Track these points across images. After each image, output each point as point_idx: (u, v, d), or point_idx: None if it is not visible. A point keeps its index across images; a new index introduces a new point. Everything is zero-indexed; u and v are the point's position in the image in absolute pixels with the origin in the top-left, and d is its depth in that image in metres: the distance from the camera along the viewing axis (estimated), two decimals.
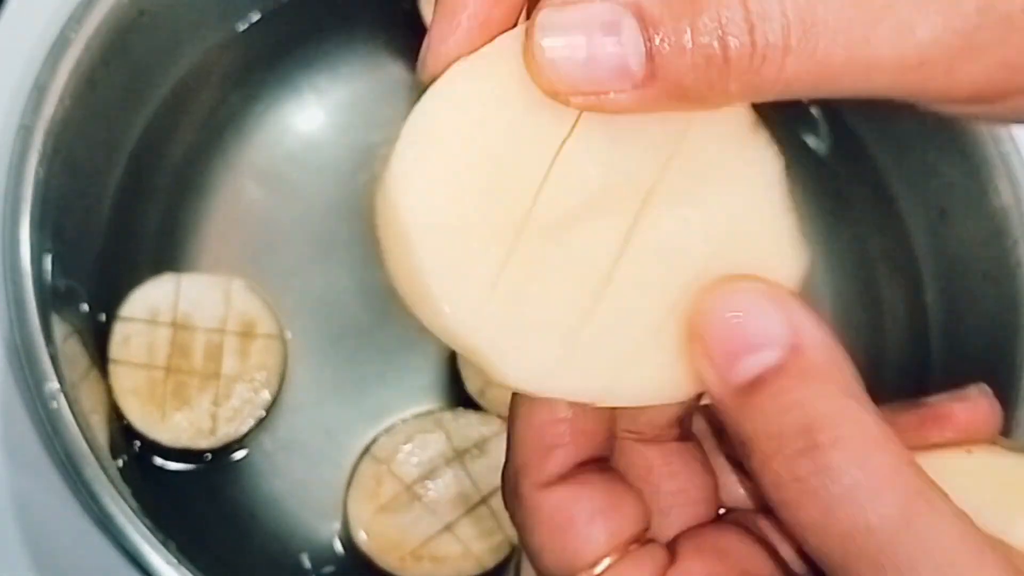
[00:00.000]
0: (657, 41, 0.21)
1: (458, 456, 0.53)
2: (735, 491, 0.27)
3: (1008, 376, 0.49)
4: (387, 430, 0.54)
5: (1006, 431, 0.48)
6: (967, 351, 0.54)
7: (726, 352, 0.22)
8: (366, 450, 0.53)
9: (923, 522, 0.20)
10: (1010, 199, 0.51)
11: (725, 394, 0.22)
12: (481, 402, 0.54)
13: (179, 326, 0.53)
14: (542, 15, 0.22)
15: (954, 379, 0.55)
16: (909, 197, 0.58)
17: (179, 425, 0.52)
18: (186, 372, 0.52)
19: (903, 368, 0.57)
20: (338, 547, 0.53)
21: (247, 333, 0.53)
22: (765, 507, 0.23)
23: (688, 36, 0.21)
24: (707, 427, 0.27)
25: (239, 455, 0.54)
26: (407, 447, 0.53)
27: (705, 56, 0.21)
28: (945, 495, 0.21)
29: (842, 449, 0.20)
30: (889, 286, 0.59)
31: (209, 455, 0.53)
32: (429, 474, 0.53)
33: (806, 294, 0.24)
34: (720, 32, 0.21)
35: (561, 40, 0.22)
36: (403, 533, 0.52)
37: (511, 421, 0.25)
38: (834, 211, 0.60)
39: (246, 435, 0.53)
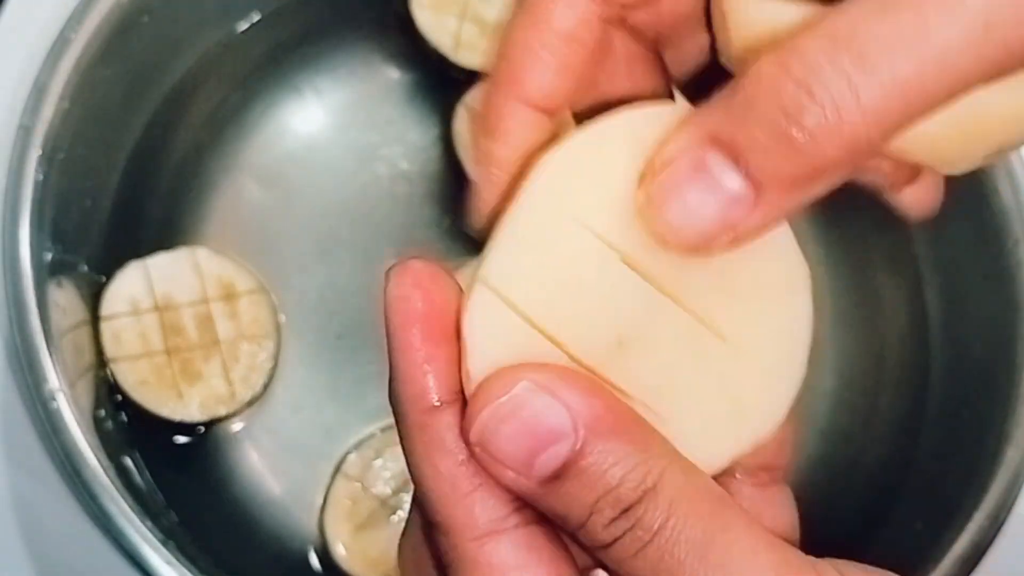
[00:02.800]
0: (742, 155, 0.21)
1: None
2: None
3: (1008, 376, 0.49)
4: (356, 446, 0.53)
5: (1006, 432, 0.48)
6: (967, 351, 0.54)
7: (519, 461, 0.22)
8: (337, 469, 0.53)
9: (722, 546, 0.22)
10: (1010, 199, 0.51)
11: (528, 489, 0.23)
12: None
13: (162, 308, 0.53)
14: (650, 194, 0.23)
15: (954, 379, 0.55)
16: None
17: (198, 399, 0.52)
18: (186, 349, 0.53)
19: (903, 368, 0.57)
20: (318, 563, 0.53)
21: (229, 295, 0.54)
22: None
23: (761, 132, 0.21)
24: None
25: (239, 452, 0.54)
26: (378, 462, 0.53)
27: (786, 141, 0.21)
28: (745, 519, 0.23)
29: (646, 503, 0.22)
30: (889, 286, 0.59)
31: (227, 422, 0.54)
32: (404, 486, 0.52)
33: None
34: (783, 111, 0.21)
35: (670, 206, 0.22)
36: (385, 549, 0.51)
37: (415, 471, 0.24)
38: (834, 211, 0.60)
39: (260, 394, 0.54)
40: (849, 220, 0.60)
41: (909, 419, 0.56)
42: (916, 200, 0.27)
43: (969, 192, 0.52)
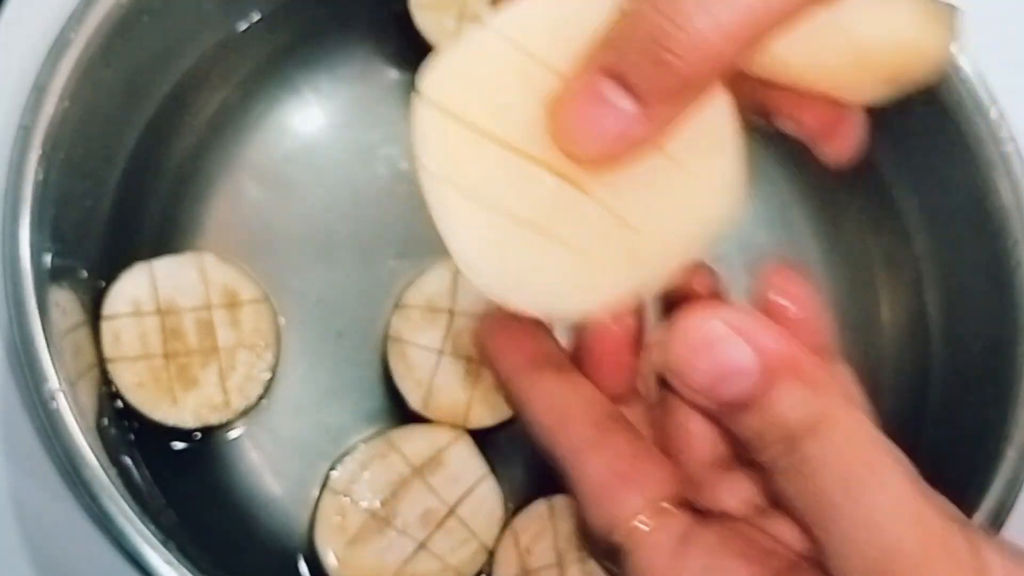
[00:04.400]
0: (627, 79, 0.26)
1: (417, 473, 0.52)
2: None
3: (1008, 376, 0.49)
4: (339, 459, 0.53)
5: (1006, 432, 0.48)
6: (967, 351, 0.54)
7: (704, 384, 0.27)
8: (324, 484, 0.53)
9: (869, 486, 0.25)
10: (1010, 199, 0.51)
11: (714, 408, 0.27)
12: (426, 414, 0.53)
13: (164, 312, 0.53)
14: (559, 122, 0.27)
15: (954, 379, 0.55)
16: (909, 197, 0.58)
17: (192, 406, 0.52)
18: (184, 354, 0.52)
19: (903, 368, 0.57)
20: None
21: (232, 303, 0.53)
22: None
23: (639, 58, 0.25)
24: None
25: (240, 452, 0.54)
26: (365, 474, 0.52)
27: (659, 62, 0.25)
28: (901, 468, 0.26)
29: (810, 439, 0.26)
30: (889, 286, 0.59)
31: (224, 429, 0.54)
32: (392, 497, 0.52)
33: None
34: (653, 39, 0.25)
35: (577, 129, 0.27)
36: (378, 561, 0.51)
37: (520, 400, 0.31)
38: (834, 211, 0.60)
39: (255, 405, 0.53)
40: (849, 220, 0.60)
41: (909, 419, 0.56)
42: (838, 149, 0.31)
43: (969, 192, 0.52)
